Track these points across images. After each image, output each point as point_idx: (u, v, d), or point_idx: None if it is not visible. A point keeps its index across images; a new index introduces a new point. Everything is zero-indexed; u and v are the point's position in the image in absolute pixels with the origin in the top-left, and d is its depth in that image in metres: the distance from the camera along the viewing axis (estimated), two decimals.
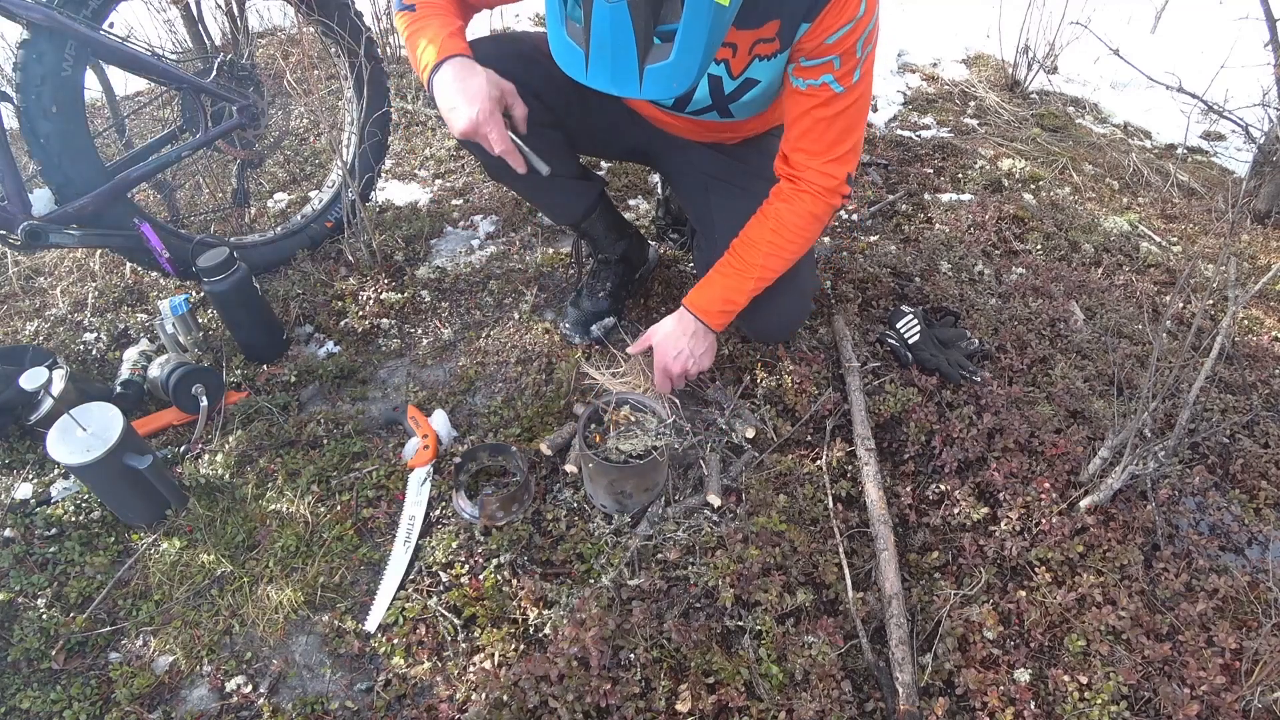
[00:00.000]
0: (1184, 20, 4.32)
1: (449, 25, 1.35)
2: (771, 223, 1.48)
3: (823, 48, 1.29)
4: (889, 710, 1.24)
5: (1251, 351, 2.07)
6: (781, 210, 1.47)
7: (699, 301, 1.55)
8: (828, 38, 1.27)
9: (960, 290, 2.07)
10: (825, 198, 1.45)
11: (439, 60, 1.30)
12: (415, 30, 1.36)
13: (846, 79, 1.33)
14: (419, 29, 1.35)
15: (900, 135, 3.05)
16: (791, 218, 1.46)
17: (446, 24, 1.35)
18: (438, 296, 2.04)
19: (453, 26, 1.35)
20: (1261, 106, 2.81)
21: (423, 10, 1.37)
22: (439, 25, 1.34)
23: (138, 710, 1.25)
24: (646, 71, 1.12)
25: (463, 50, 1.32)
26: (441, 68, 1.30)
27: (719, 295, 1.54)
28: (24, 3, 1.50)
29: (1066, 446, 1.58)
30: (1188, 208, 2.90)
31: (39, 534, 1.49)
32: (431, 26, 1.34)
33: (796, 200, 1.46)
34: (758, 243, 1.49)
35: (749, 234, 1.50)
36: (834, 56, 1.30)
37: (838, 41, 1.28)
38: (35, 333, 1.95)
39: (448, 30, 1.33)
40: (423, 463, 1.57)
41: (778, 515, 1.46)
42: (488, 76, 1.32)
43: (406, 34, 1.39)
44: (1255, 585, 1.44)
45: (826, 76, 1.32)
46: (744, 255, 1.51)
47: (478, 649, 1.32)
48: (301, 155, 2.72)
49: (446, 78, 1.30)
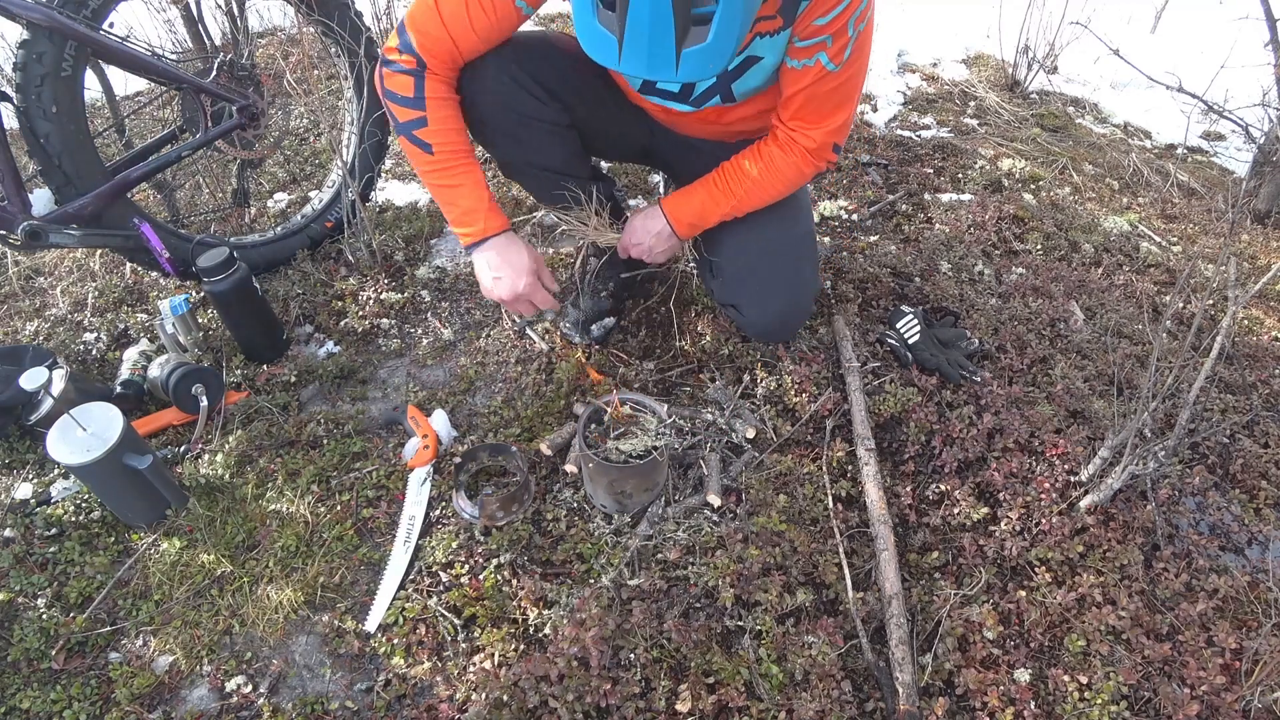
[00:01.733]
0: (1184, 20, 4.32)
1: (480, 188, 1.45)
2: (764, 162, 1.52)
3: (814, 28, 1.31)
4: (889, 710, 1.24)
5: (1251, 351, 2.07)
6: (775, 155, 1.52)
7: (675, 209, 1.60)
8: (818, 19, 1.30)
9: (960, 290, 2.07)
10: (814, 160, 1.51)
11: (483, 237, 1.45)
12: (443, 186, 1.45)
13: (839, 56, 1.36)
14: (447, 187, 1.45)
15: (900, 135, 3.06)
16: (783, 165, 1.52)
17: (477, 185, 1.45)
18: (438, 296, 2.05)
19: (484, 191, 1.45)
20: (1261, 106, 2.81)
21: (442, 158, 1.43)
22: (471, 190, 1.44)
23: (138, 710, 1.25)
24: (683, 55, 1.14)
25: (503, 226, 1.46)
26: (485, 245, 1.45)
27: (695, 209, 1.59)
28: (24, 3, 1.51)
29: (1066, 446, 1.58)
30: (1188, 208, 2.90)
31: (39, 534, 1.49)
32: (464, 189, 1.44)
33: (790, 152, 1.51)
34: (747, 174, 1.54)
35: (741, 163, 1.54)
36: (826, 36, 1.32)
37: (829, 22, 1.30)
38: (35, 333, 1.95)
39: (484, 200, 1.45)
40: (423, 463, 1.57)
41: (778, 515, 1.46)
42: (529, 252, 1.47)
43: (429, 182, 1.47)
44: (1255, 585, 1.44)
45: (820, 55, 1.35)
46: (730, 181, 1.55)
47: (478, 649, 1.32)
48: (301, 155, 2.72)
49: (491, 255, 1.46)
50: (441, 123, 1.42)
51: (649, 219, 1.63)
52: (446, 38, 1.37)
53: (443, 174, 1.45)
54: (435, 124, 1.42)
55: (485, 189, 1.47)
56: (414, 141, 1.44)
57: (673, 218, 1.61)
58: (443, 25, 1.36)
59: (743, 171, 1.54)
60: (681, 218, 1.61)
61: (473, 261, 1.54)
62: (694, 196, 1.60)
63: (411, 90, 1.41)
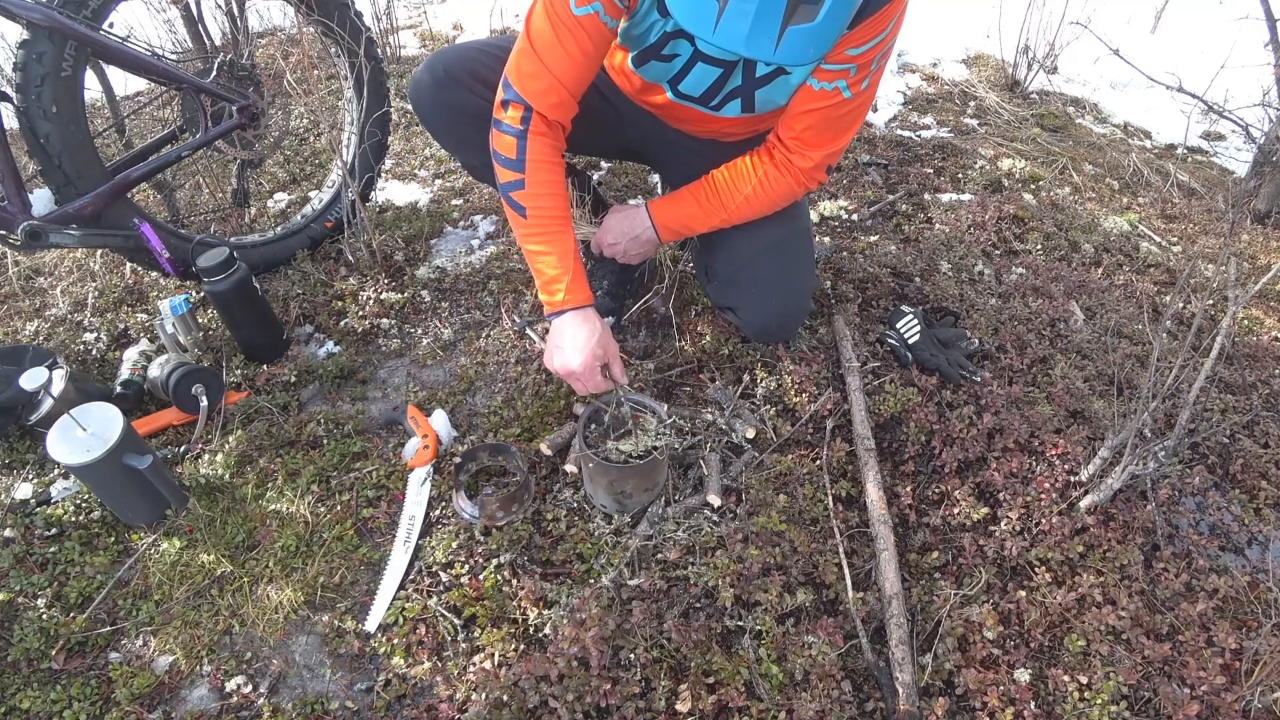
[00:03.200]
0: (1184, 20, 4.32)
1: (566, 258, 1.41)
2: (759, 178, 1.52)
3: (845, 56, 1.32)
4: (889, 710, 1.24)
5: (1251, 351, 2.07)
6: (771, 174, 1.51)
7: (662, 214, 1.59)
8: (851, 48, 1.30)
9: (960, 290, 2.07)
10: (806, 181, 1.52)
11: (560, 310, 1.42)
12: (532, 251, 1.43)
13: (856, 87, 1.37)
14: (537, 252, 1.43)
15: (900, 135, 3.06)
16: (777, 184, 1.52)
17: (564, 255, 1.41)
18: (438, 296, 2.05)
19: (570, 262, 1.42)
20: (1261, 106, 2.81)
21: (535, 223, 1.41)
22: (558, 259, 1.41)
23: (138, 710, 1.25)
24: (788, 33, 1.13)
25: (583, 302, 1.43)
26: (560, 317, 1.43)
27: (682, 216, 1.58)
28: (24, 3, 1.51)
29: (1066, 446, 1.58)
30: (1188, 208, 2.90)
31: (39, 534, 1.49)
32: (551, 258, 1.42)
33: (785, 174, 1.51)
34: (739, 189, 1.53)
35: (735, 176, 1.54)
36: (853, 65, 1.33)
37: (861, 54, 1.31)
38: (35, 333, 1.95)
39: (568, 271, 1.41)
40: (423, 463, 1.57)
41: (778, 515, 1.46)
42: (599, 336, 1.43)
43: (521, 244, 1.46)
44: (1255, 585, 1.44)
45: (840, 82, 1.36)
46: (722, 194, 1.54)
47: (478, 649, 1.32)
48: (301, 155, 2.72)
49: (562, 327, 1.43)
50: (539, 186, 1.40)
51: (629, 220, 1.62)
52: (546, 73, 1.33)
53: (533, 239, 1.43)
54: (532, 187, 1.39)
55: (573, 259, 1.43)
56: (510, 203, 1.42)
57: (658, 222, 1.60)
58: (540, 61, 1.33)
59: (735, 187, 1.53)
60: (667, 223, 1.60)
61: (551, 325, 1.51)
62: (683, 205, 1.58)
63: (514, 152, 1.38)
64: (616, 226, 1.62)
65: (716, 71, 1.43)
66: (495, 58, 1.54)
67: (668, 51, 1.44)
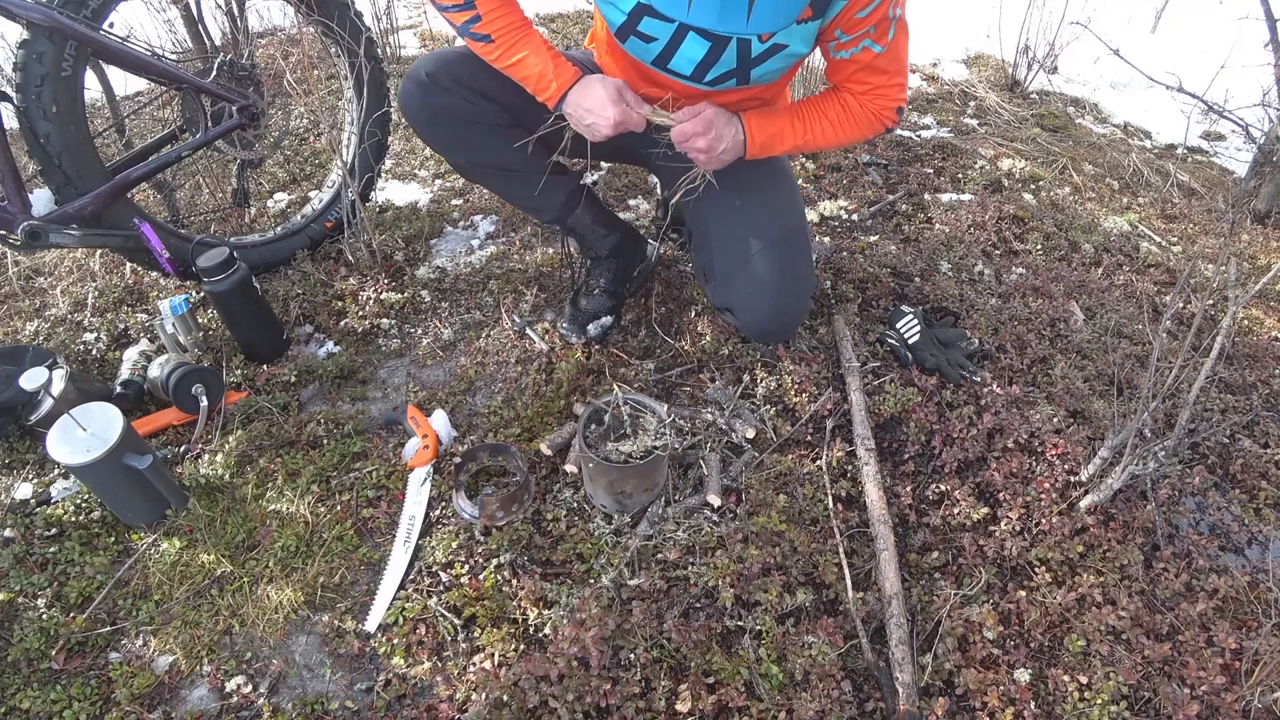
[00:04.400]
0: (1184, 20, 4.32)
1: (540, 51, 1.47)
2: (840, 104, 1.54)
3: (855, 21, 1.34)
4: (889, 710, 1.24)
5: (1251, 351, 2.07)
6: (852, 104, 1.54)
7: (756, 124, 1.56)
8: (859, 12, 1.33)
9: (960, 290, 2.07)
10: (882, 117, 1.54)
11: (561, 94, 1.48)
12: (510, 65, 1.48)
13: (883, 39, 1.40)
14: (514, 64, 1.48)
15: (900, 135, 3.06)
16: (857, 113, 1.54)
17: (538, 50, 1.47)
18: (438, 296, 2.04)
19: (546, 52, 1.47)
20: (1261, 106, 2.81)
21: (501, 40, 1.46)
22: (534, 56, 1.47)
23: (138, 710, 1.25)
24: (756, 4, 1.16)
25: (575, 75, 1.48)
26: (566, 100, 1.48)
27: (771, 131, 1.57)
28: (24, 3, 1.50)
29: (1066, 446, 1.58)
30: (1188, 208, 2.90)
31: (39, 534, 1.49)
32: (528, 59, 1.47)
33: (864, 106, 1.53)
34: (825, 114, 1.55)
35: (822, 103, 1.56)
36: (870, 27, 1.36)
37: (871, 13, 1.33)
38: (35, 333, 1.95)
39: (547, 61, 1.47)
40: (423, 463, 1.57)
41: (778, 515, 1.46)
42: (604, 85, 1.46)
43: (499, 67, 1.50)
44: (1255, 585, 1.44)
45: (865, 42, 1.39)
46: (809, 117, 1.55)
47: (478, 649, 1.32)
48: (301, 155, 2.72)
49: (575, 105, 1.47)
50: (491, 12, 1.44)
51: (727, 121, 1.54)
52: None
53: (506, 54, 1.48)
54: (487, 15, 1.44)
55: (547, 50, 1.49)
56: (473, 37, 1.47)
57: (753, 130, 1.55)
58: None
59: (821, 111, 1.55)
60: (758, 135, 1.56)
61: (563, 107, 1.53)
62: (776, 119, 1.57)
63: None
64: (718, 120, 1.51)
65: (706, 45, 1.43)
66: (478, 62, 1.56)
67: (643, 30, 1.44)
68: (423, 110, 1.64)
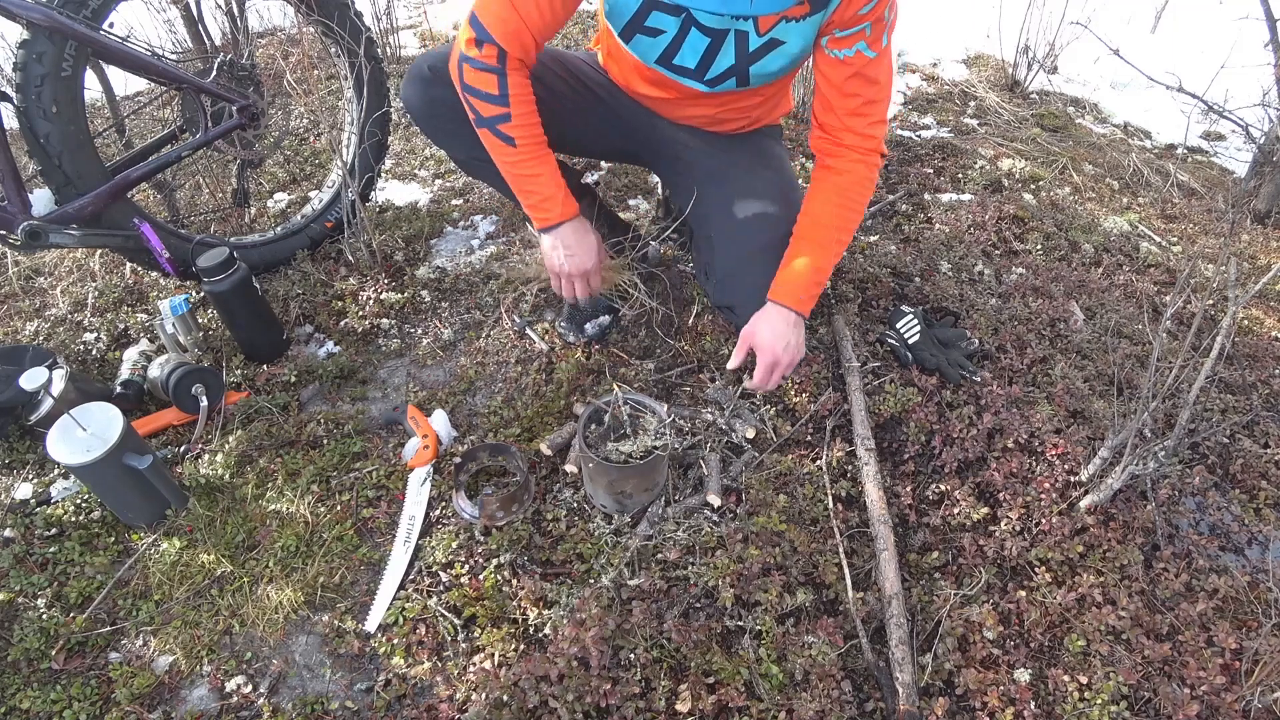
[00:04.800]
0: (1184, 20, 4.32)
1: (556, 176, 1.52)
2: (835, 197, 1.52)
3: (856, 18, 1.35)
4: (889, 710, 1.24)
5: (1251, 351, 2.07)
6: (840, 183, 1.52)
7: (791, 293, 1.53)
8: (861, 8, 1.33)
9: (960, 290, 2.07)
10: (872, 159, 1.52)
11: (559, 222, 1.54)
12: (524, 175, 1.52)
13: (877, 44, 1.40)
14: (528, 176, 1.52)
15: (900, 135, 3.06)
16: (852, 186, 1.52)
17: (554, 174, 1.52)
18: (438, 296, 2.04)
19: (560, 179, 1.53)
20: (1261, 106, 2.81)
21: (525, 149, 1.49)
22: (549, 179, 1.52)
23: (138, 710, 1.25)
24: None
25: (576, 211, 1.56)
26: (560, 228, 1.54)
27: (807, 280, 1.53)
28: (24, 3, 1.51)
29: (1066, 446, 1.58)
30: (1188, 208, 2.90)
31: (39, 534, 1.49)
32: (542, 179, 1.52)
33: (851, 169, 1.51)
34: (828, 220, 1.52)
35: (815, 214, 1.53)
36: (867, 24, 1.36)
37: (870, 10, 1.34)
38: (35, 333, 1.95)
39: (560, 188, 1.53)
40: (423, 463, 1.57)
41: (778, 515, 1.46)
42: (597, 237, 1.60)
43: (510, 172, 1.53)
44: (1255, 585, 1.44)
45: (860, 44, 1.39)
46: (817, 235, 1.53)
47: (478, 649, 1.32)
48: (301, 155, 2.72)
49: (566, 236, 1.55)
50: (523, 117, 1.46)
51: (768, 323, 1.51)
52: (518, 21, 1.39)
53: (524, 164, 1.51)
54: (518, 119, 1.46)
55: (560, 177, 1.53)
56: (497, 135, 1.48)
57: (795, 302, 1.52)
58: (514, 10, 1.38)
59: (823, 223, 1.52)
60: (802, 295, 1.52)
61: (542, 241, 1.59)
62: (797, 274, 1.52)
63: (496, 87, 1.43)
64: (776, 340, 1.50)
65: (706, 41, 1.44)
66: None
67: (651, 24, 1.44)
68: (425, 104, 1.64)
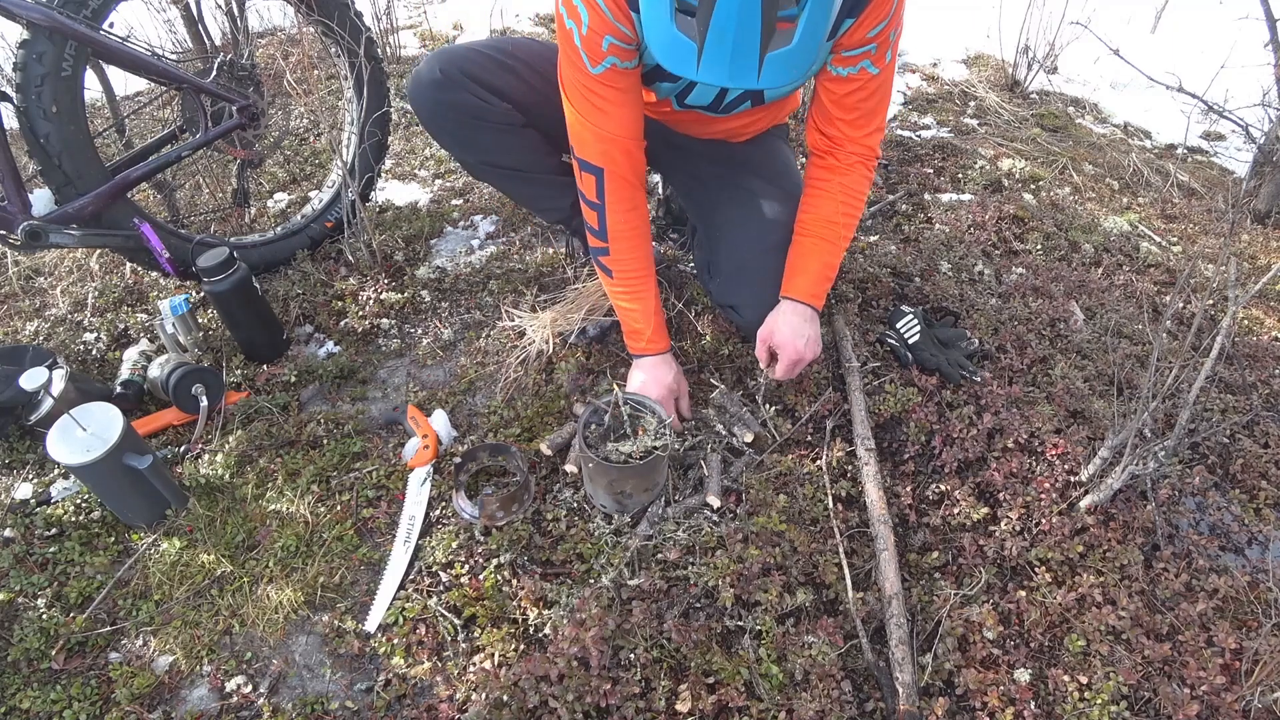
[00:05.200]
0: (1184, 20, 4.32)
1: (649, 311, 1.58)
2: (840, 195, 1.54)
3: (865, 40, 1.36)
4: (889, 710, 1.24)
5: (1251, 351, 2.07)
6: (844, 183, 1.54)
7: (805, 288, 1.55)
8: (869, 31, 1.34)
9: (960, 290, 2.07)
10: (869, 164, 1.56)
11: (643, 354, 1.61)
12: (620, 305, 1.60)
13: (880, 61, 1.41)
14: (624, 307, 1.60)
15: (900, 135, 3.06)
16: (853, 185, 1.54)
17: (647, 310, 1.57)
18: (438, 296, 2.04)
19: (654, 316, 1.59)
20: (1261, 106, 2.80)
21: (621, 280, 1.56)
22: (643, 313, 1.58)
23: (138, 710, 1.25)
24: (767, 60, 1.15)
25: (664, 348, 1.62)
26: (644, 360, 1.61)
27: (818, 276, 1.56)
28: (24, 3, 1.51)
29: (1066, 446, 1.58)
30: (1188, 208, 2.90)
31: (39, 534, 1.49)
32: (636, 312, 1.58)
33: (850, 170, 1.53)
34: (834, 218, 1.54)
35: (821, 213, 1.55)
36: (873, 45, 1.37)
37: (878, 33, 1.35)
38: (35, 333, 1.95)
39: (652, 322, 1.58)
40: (423, 463, 1.57)
41: (778, 515, 1.46)
42: (675, 375, 1.62)
43: (611, 296, 1.62)
44: (1255, 585, 1.44)
45: (865, 63, 1.40)
46: (824, 231, 1.55)
47: (478, 649, 1.32)
48: (301, 155, 2.72)
49: (646, 367, 1.61)
50: (622, 251, 1.52)
51: (785, 319, 1.53)
52: (602, 134, 1.41)
53: (620, 295, 1.58)
54: (616, 253, 1.52)
55: (655, 311, 1.59)
56: (598, 265, 1.58)
57: (808, 297, 1.55)
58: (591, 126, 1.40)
59: (829, 220, 1.54)
60: (815, 291, 1.56)
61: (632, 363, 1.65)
62: (808, 270, 1.55)
63: (597, 223, 1.50)
64: (796, 335, 1.53)
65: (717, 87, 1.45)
66: (491, 58, 1.56)
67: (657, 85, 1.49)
68: (433, 106, 1.63)
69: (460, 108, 1.59)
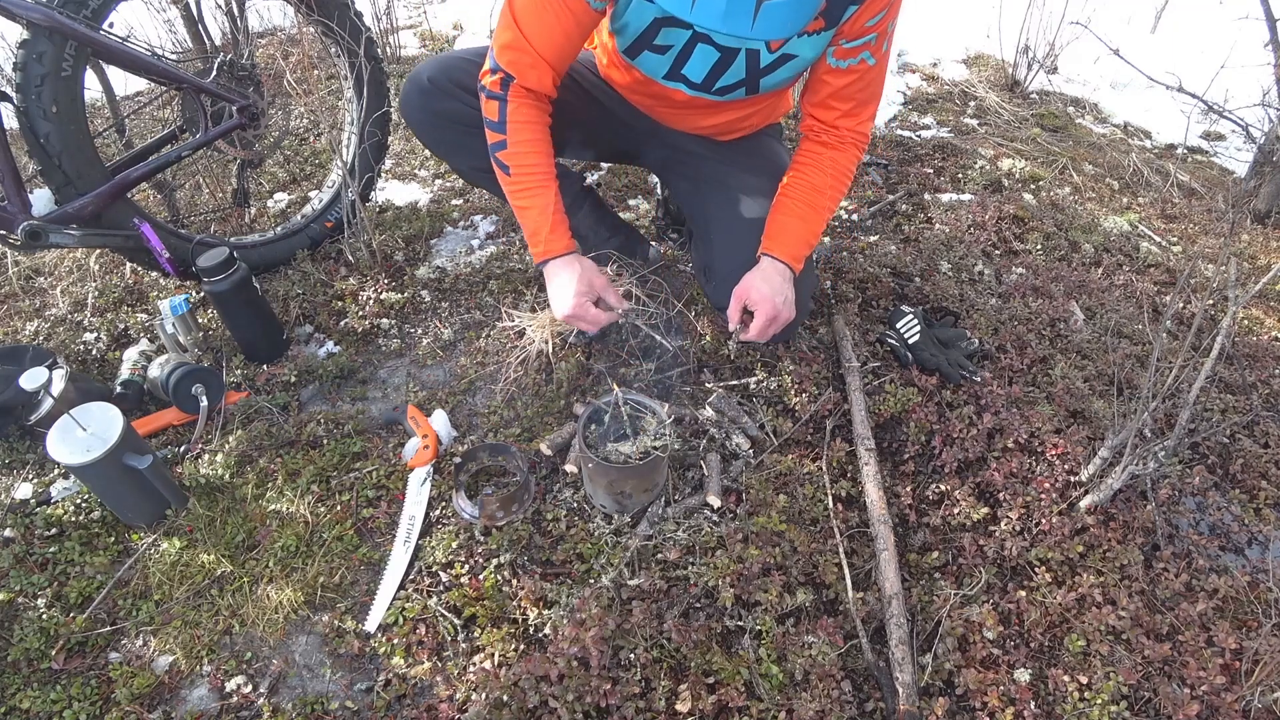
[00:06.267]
0: (1184, 20, 4.32)
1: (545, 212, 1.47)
2: (829, 168, 1.55)
3: (864, 29, 1.36)
4: (889, 710, 1.24)
5: (1251, 351, 2.07)
6: (836, 158, 1.55)
7: (785, 247, 1.54)
8: (869, 20, 1.35)
9: (960, 290, 2.07)
10: (861, 147, 1.58)
11: (544, 259, 1.49)
12: (517, 206, 1.50)
13: (878, 52, 1.42)
14: (520, 208, 1.49)
15: (900, 135, 3.06)
16: (844, 163, 1.56)
17: (544, 209, 1.47)
18: (438, 296, 2.04)
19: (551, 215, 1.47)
20: (1261, 106, 2.81)
21: (518, 179, 1.47)
22: (538, 213, 1.47)
23: (138, 710, 1.25)
24: (764, 9, 1.15)
25: (564, 249, 1.49)
26: (546, 266, 1.50)
27: (800, 239, 1.56)
28: (24, 3, 1.50)
29: (1066, 446, 1.58)
30: (1188, 208, 2.90)
31: (39, 534, 1.49)
32: (532, 211, 1.48)
33: (841, 149, 1.56)
34: (823, 187, 1.55)
35: (810, 180, 1.56)
36: (872, 35, 1.38)
37: (878, 23, 1.36)
38: (35, 333, 1.95)
39: (547, 224, 1.47)
40: (423, 463, 1.57)
41: (778, 515, 1.46)
42: (582, 275, 1.48)
43: (510, 202, 1.51)
44: (1255, 585, 1.44)
45: (865, 54, 1.41)
46: (810, 198, 1.55)
47: (478, 649, 1.32)
48: (301, 155, 2.72)
49: (550, 276, 1.50)
50: (519, 145, 1.45)
51: (762, 278, 1.51)
52: (528, 47, 1.38)
53: (517, 195, 1.49)
54: (513, 146, 1.45)
55: (553, 213, 1.48)
56: (496, 163, 1.48)
57: (789, 257, 1.53)
58: (521, 35, 1.38)
59: (818, 189, 1.55)
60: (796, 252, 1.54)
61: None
62: (791, 231, 1.55)
63: (496, 114, 1.44)
64: (775, 294, 1.51)
65: (716, 56, 1.44)
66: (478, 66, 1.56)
67: (660, 41, 1.45)
68: (424, 115, 1.64)
69: (450, 116, 1.61)
